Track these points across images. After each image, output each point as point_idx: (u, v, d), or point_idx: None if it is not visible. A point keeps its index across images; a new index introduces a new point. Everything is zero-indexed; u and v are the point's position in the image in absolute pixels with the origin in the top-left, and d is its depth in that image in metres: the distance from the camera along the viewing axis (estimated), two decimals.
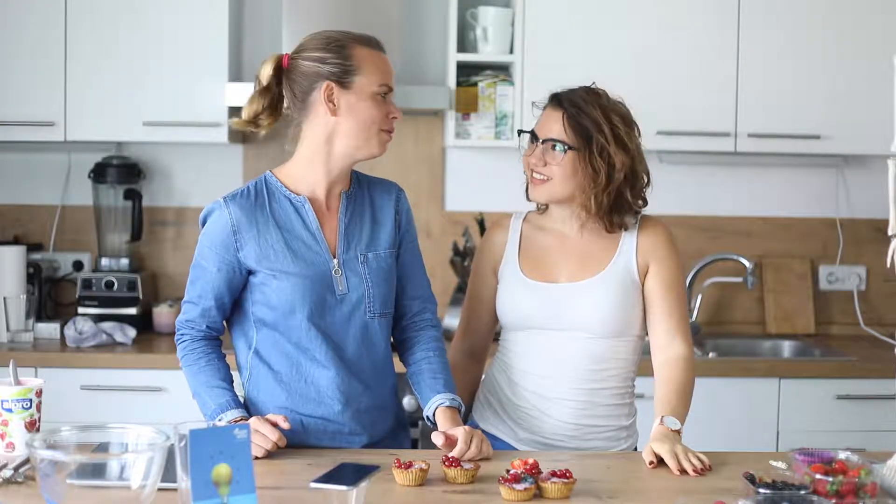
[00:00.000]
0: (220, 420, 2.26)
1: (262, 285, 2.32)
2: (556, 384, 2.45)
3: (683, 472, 2.15)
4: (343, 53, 2.30)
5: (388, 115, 2.32)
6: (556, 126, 2.42)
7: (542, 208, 2.55)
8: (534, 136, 2.47)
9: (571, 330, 2.44)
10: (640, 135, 2.47)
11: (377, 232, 2.40)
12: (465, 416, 2.55)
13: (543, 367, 2.46)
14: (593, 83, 2.49)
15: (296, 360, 2.33)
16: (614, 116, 2.42)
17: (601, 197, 2.41)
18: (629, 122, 2.45)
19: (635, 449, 2.52)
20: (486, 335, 2.64)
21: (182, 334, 2.40)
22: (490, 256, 2.57)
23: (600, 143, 2.39)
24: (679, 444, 2.26)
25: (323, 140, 2.32)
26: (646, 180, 2.47)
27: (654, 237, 2.47)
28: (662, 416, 2.33)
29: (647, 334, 2.51)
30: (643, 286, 2.46)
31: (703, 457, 2.21)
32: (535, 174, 2.45)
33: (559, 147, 2.41)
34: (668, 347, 2.45)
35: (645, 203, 2.49)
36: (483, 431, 2.50)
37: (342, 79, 2.29)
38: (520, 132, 2.57)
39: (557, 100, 2.45)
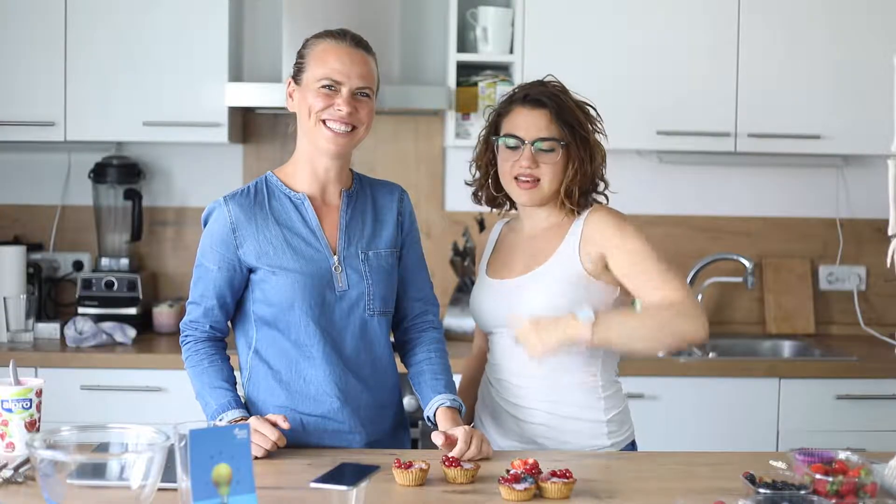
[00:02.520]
0: (220, 420, 2.26)
1: (262, 282, 2.32)
2: (519, 381, 2.44)
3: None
4: (302, 51, 2.37)
5: (332, 107, 2.29)
6: (543, 124, 2.41)
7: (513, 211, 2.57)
8: (517, 139, 2.42)
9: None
10: (601, 120, 2.49)
11: (378, 231, 2.41)
12: (467, 418, 2.55)
13: (509, 365, 2.45)
14: (548, 75, 2.50)
15: (294, 358, 2.34)
16: (585, 107, 2.46)
17: (585, 186, 2.42)
18: (592, 109, 2.48)
19: (633, 445, 2.50)
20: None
21: (186, 335, 2.40)
22: (479, 262, 2.62)
23: (582, 135, 2.41)
24: (546, 326, 2.27)
25: (301, 136, 2.37)
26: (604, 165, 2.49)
27: (594, 225, 2.41)
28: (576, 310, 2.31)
29: None
30: (603, 276, 2.39)
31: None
32: (521, 178, 2.42)
33: (552, 146, 2.40)
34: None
35: (606, 186, 2.49)
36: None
37: (296, 75, 2.36)
38: (493, 137, 2.48)
39: (536, 99, 2.42)
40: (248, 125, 4.09)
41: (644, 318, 2.34)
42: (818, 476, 1.91)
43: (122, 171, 3.97)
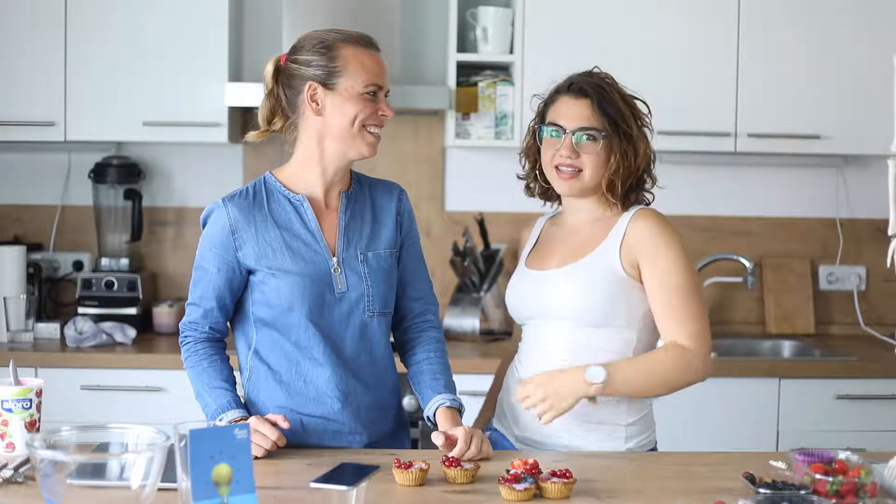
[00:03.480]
0: (220, 420, 2.26)
1: (262, 284, 2.32)
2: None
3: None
4: (329, 55, 2.30)
5: (377, 113, 2.31)
6: (585, 114, 2.39)
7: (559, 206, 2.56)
8: (558, 128, 2.42)
9: (551, 318, 2.41)
10: (651, 115, 2.48)
11: (377, 231, 2.41)
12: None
13: (532, 359, 2.45)
14: (595, 67, 2.51)
15: (295, 359, 2.34)
16: (632, 101, 2.45)
17: (628, 181, 2.40)
18: (643, 105, 2.47)
19: (654, 449, 2.49)
20: None
21: (185, 336, 2.40)
22: (521, 254, 2.61)
23: (625, 129, 2.39)
24: (556, 387, 2.30)
25: (315, 141, 2.33)
26: (654, 162, 2.49)
27: (638, 230, 2.40)
28: (589, 365, 2.31)
29: (640, 329, 2.42)
30: (640, 281, 2.39)
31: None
32: (562, 168, 2.40)
33: (593, 135, 2.38)
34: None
35: (654, 182, 2.50)
36: (493, 429, 2.50)
37: (326, 80, 2.30)
38: (537, 126, 2.48)
39: (579, 88, 2.41)
40: (248, 125, 4.08)
41: (650, 373, 2.33)
42: (818, 476, 1.91)
43: (122, 171, 3.96)
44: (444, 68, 3.94)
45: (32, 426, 2.16)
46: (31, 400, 2.16)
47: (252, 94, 3.74)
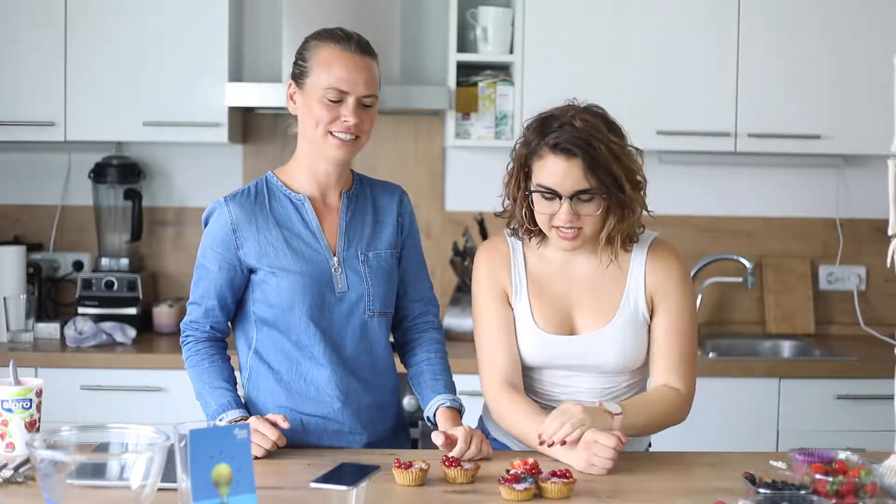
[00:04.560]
0: (220, 420, 2.26)
1: (263, 283, 2.32)
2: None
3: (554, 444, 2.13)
4: (304, 54, 2.32)
5: (340, 119, 2.26)
6: (577, 175, 2.22)
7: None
8: (552, 193, 2.24)
9: (588, 372, 2.36)
10: (641, 156, 2.32)
11: (378, 231, 2.41)
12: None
13: (554, 395, 2.38)
14: (574, 99, 2.32)
15: (295, 358, 2.34)
16: (622, 153, 2.26)
17: (626, 231, 2.31)
18: (630, 149, 2.29)
19: (650, 445, 2.49)
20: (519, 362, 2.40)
21: (186, 336, 2.40)
22: (497, 291, 2.38)
23: (618, 195, 2.25)
24: (595, 424, 2.14)
25: (302, 141, 2.35)
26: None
27: (661, 271, 2.35)
28: (604, 400, 2.26)
29: (644, 367, 2.40)
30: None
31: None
32: (562, 230, 2.26)
33: (590, 197, 2.24)
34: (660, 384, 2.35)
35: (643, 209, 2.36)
36: (492, 437, 2.48)
37: (298, 79, 2.31)
38: (528, 192, 2.29)
39: (566, 149, 2.22)
40: (248, 125, 4.09)
41: (650, 413, 2.28)
42: (818, 476, 1.91)
43: (122, 171, 3.97)
44: (444, 68, 3.94)
45: (32, 426, 2.16)
46: (31, 400, 2.16)
47: (252, 94, 3.75)
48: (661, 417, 2.33)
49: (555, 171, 2.23)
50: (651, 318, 2.36)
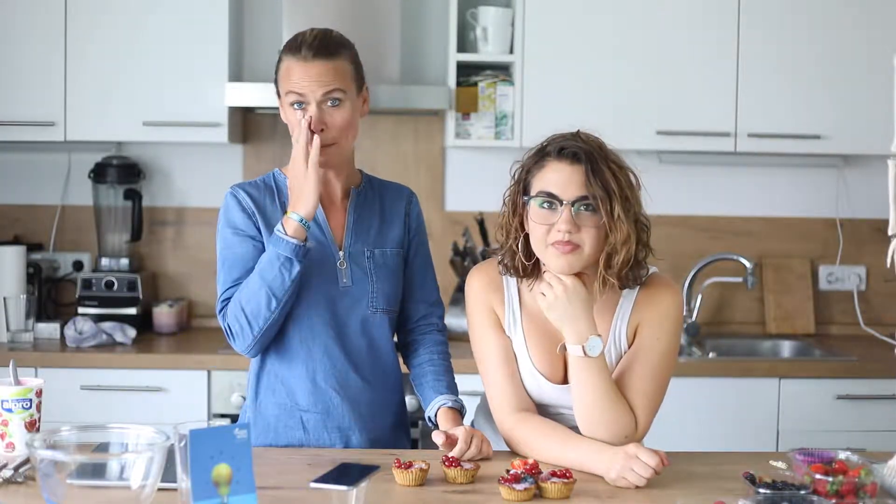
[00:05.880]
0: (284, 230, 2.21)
1: None
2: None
3: None
4: (277, 65, 2.38)
5: (303, 124, 2.26)
6: (581, 181, 2.13)
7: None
8: (552, 199, 2.15)
9: None
10: (639, 187, 2.22)
11: (385, 230, 2.42)
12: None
13: (562, 420, 2.31)
14: (578, 130, 2.22)
15: (296, 351, 2.35)
16: (622, 176, 2.17)
17: (629, 258, 2.16)
18: (633, 175, 2.21)
19: None
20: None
21: (224, 306, 2.33)
22: (493, 318, 2.30)
23: (622, 202, 2.14)
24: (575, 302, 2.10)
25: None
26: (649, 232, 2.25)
27: (652, 299, 2.23)
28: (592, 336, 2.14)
29: None
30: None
31: None
32: (557, 245, 2.13)
33: (593, 206, 2.13)
34: None
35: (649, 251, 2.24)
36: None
37: (276, 90, 2.38)
38: (522, 198, 2.21)
39: (572, 153, 2.14)
40: (248, 125, 4.09)
41: (605, 402, 2.16)
42: (818, 476, 1.91)
43: (122, 171, 3.97)
44: (444, 68, 3.94)
45: (32, 426, 2.16)
46: (31, 400, 2.16)
47: (252, 94, 3.75)
48: (609, 414, 2.16)
49: (557, 176, 2.14)
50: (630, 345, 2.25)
